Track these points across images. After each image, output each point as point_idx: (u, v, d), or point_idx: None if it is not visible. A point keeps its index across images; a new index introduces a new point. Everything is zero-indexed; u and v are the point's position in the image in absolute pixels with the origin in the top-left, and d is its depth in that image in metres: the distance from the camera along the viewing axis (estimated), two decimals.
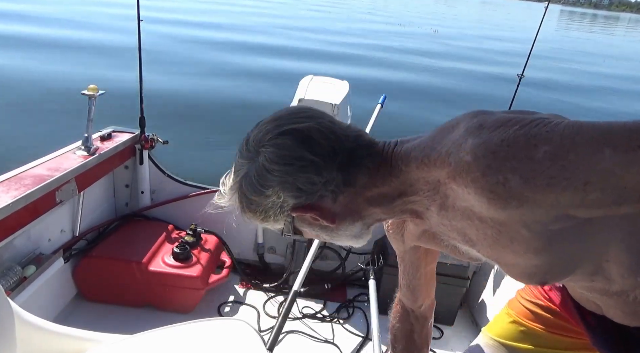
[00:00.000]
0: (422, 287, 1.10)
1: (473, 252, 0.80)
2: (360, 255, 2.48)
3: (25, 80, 6.76)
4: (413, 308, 1.16)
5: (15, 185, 1.63)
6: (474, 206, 0.69)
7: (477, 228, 0.72)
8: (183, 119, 5.95)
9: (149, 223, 2.40)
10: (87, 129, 2.04)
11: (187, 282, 2.05)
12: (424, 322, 1.18)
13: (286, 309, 1.75)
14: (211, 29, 15.22)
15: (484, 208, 0.67)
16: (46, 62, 8.08)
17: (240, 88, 8.01)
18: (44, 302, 1.87)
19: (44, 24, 11.90)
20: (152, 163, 2.42)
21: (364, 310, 2.32)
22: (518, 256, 0.72)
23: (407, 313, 1.17)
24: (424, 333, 1.19)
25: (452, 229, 0.77)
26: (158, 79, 7.09)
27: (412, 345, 1.19)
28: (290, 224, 0.80)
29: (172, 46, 10.82)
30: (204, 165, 4.55)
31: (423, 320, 1.18)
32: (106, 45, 9.89)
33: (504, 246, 0.72)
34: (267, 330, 2.08)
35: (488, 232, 0.71)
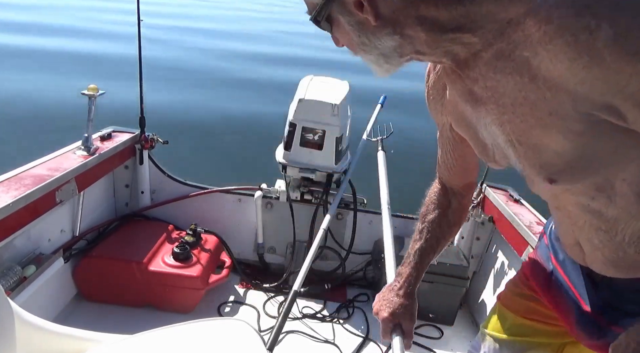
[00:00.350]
0: (458, 168, 1.08)
1: (500, 138, 0.75)
2: (360, 255, 2.48)
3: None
4: (452, 186, 1.13)
5: (15, 185, 1.63)
6: (535, 57, 0.63)
7: (521, 89, 0.67)
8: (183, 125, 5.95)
9: (149, 223, 2.40)
10: (87, 129, 2.04)
11: (187, 282, 2.05)
12: (461, 199, 1.15)
13: (286, 309, 1.75)
14: (209, 33, 15.23)
15: (547, 60, 0.62)
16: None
17: (240, 94, 8.02)
18: (44, 302, 1.87)
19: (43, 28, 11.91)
20: (152, 163, 2.42)
21: (364, 310, 2.32)
22: (547, 135, 0.68)
23: (446, 188, 1.14)
24: (458, 211, 1.15)
25: (490, 89, 0.71)
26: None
27: (443, 220, 1.15)
28: (328, 3, 0.72)
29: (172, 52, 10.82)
30: (204, 165, 4.56)
31: (460, 197, 1.14)
32: (106, 46, 9.89)
33: (538, 118, 0.67)
34: (267, 330, 2.08)
35: (531, 96, 0.66)
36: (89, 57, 8.81)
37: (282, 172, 2.30)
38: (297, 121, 2.18)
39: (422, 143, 5.88)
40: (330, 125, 2.17)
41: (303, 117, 2.17)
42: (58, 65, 8.02)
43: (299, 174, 2.27)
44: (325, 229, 2.09)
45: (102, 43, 10.25)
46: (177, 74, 8.44)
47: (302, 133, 2.19)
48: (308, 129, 2.19)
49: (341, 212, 2.45)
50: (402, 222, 2.46)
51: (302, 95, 2.17)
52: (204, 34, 14.06)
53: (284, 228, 2.41)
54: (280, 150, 2.29)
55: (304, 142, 2.21)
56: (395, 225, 2.46)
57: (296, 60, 11.01)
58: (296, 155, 2.23)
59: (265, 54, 11.63)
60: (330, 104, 2.15)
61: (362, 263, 2.51)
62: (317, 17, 0.74)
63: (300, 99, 2.16)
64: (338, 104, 2.16)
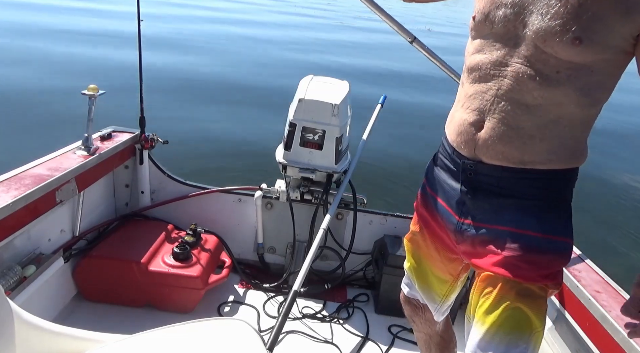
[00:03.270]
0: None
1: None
2: (360, 255, 2.48)
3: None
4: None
5: (15, 185, 1.63)
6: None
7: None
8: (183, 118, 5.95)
9: (149, 223, 2.40)
10: (87, 129, 2.04)
11: (187, 282, 2.05)
12: None
13: (286, 309, 1.75)
14: (209, 23, 15.23)
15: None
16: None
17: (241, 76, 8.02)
18: (44, 302, 1.87)
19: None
20: (152, 163, 2.43)
21: (364, 310, 2.32)
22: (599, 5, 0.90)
23: None
24: None
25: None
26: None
27: None
28: None
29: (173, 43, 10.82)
30: (204, 165, 4.56)
31: None
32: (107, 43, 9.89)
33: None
34: (267, 330, 2.08)
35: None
36: (90, 57, 8.81)
37: (282, 172, 2.30)
38: (297, 121, 2.18)
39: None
40: (330, 125, 2.17)
41: (303, 117, 2.18)
42: (58, 64, 8.03)
43: (299, 173, 2.27)
44: (325, 229, 2.09)
45: (102, 42, 10.26)
46: (177, 74, 8.44)
47: (302, 133, 2.19)
48: (308, 128, 2.19)
49: (341, 212, 2.45)
50: (402, 222, 2.46)
51: (302, 95, 2.17)
52: (204, 33, 14.06)
53: (284, 228, 2.41)
54: (280, 150, 2.29)
55: (304, 142, 2.21)
56: (395, 226, 2.47)
57: (296, 60, 11.02)
58: (296, 155, 2.23)
59: (266, 55, 11.63)
60: (330, 104, 2.15)
61: (362, 263, 2.51)
62: None
63: (300, 98, 2.16)
64: (338, 104, 2.16)
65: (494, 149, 1.06)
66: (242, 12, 22.53)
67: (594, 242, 4.09)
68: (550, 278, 1.06)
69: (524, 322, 1.06)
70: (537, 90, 0.99)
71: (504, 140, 1.04)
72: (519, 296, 1.05)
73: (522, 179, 1.06)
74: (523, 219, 1.07)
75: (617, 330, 1.37)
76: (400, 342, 2.14)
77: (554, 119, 1.01)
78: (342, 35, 17.67)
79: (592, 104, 1.01)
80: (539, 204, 1.07)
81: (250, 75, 9.04)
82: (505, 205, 1.09)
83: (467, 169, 1.13)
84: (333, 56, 12.33)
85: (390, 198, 4.30)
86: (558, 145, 1.03)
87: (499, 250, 1.08)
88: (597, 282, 1.65)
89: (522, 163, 1.05)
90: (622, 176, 6.03)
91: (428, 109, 7.87)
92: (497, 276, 1.07)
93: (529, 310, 1.05)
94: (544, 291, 1.07)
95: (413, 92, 8.99)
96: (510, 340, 1.06)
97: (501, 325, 1.07)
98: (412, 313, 1.56)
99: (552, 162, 1.04)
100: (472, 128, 1.10)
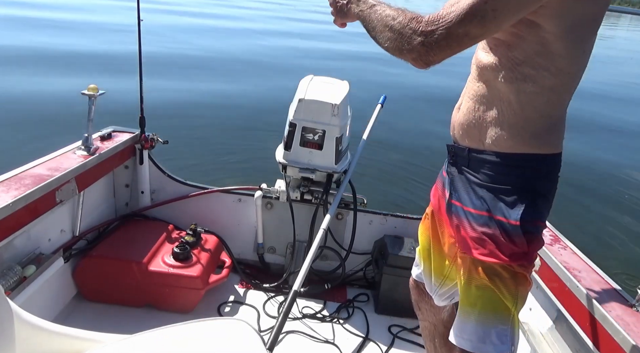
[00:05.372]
0: None
1: None
2: (360, 255, 2.48)
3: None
4: None
5: (15, 185, 1.63)
6: None
7: None
8: (183, 120, 5.95)
9: (149, 223, 2.40)
10: (87, 129, 2.04)
11: (187, 282, 2.05)
12: None
13: (286, 309, 1.75)
14: (209, 24, 15.23)
15: None
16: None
17: (240, 89, 8.01)
18: (44, 302, 1.87)
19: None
20: (152, 163, 2.42)
21: (364, 310, 2.32)
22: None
23: None
24: None
25: None
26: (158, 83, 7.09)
27: None
28: None
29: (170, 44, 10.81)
30: (204, 165, 4.56)
31: None
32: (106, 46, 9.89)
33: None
34: (267, 330, 2.08)
35: None
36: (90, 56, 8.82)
37: (282, 172, 2.30)
38: (297, 121, 2.18)
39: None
40: (330, 125, 2.17)
41: (303, 117, 2.17)
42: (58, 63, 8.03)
43: (299, 173, 2.27)
44: (325, 229, 2.09)
45: (102, 42, 10.26)
46: (177, 73, 8.44)
47: (302, 133, 2.19)
48: (308, 128, 2.19)
49: (341, 212, 2.45)
50: (402, 222, 2.46)
51: (302, 95, 2.17)
52: (204, 33, 14.06)
53: (284, 228, 2.41)
54: (280, 150, 2.29)
55: (304, 142, 2.21)
56: (395, 226, 2.47)
57: (297, 61, 11.02)
58: (296, 155, 2.23)
59: (268, 54, 11.63)
60: (330, 104, 2.15)
61: (362, 263, 2.51)
62: None
63: (300, 98, 2.16)
64: (338, 104, 2.16)
65: (462, 129, 1.17)
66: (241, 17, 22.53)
67: (594, 239, 4.10)
68: (514, 258, 1.10)
69: (497, 302, 1.11)
70: (481, 70, 1.10)
71: (467, 120, 1.15)
72: (486, 276, 1.11)
73: (484, 162, 1.13)
74: (485, 201, 1.12)
75: (617, 330, 1.37)
76: (400, 342, 2.14)
77: (496, 95, 1.08)
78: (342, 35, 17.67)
79: (522, 80, 1.03)
80: (502, 189, 1.11)
81: (251, 74, 9.04)
82: (473, 186, 1.16)
83: (450, 151, 1.25)
84: (333, 56, 12.34)
85: (390, 198, 4.30)
86: (504, 124, 1.08)
87: (468, 230, 1.15)
88: (597, 282, 1.65)
89: (482, 144, 1.12)
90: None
91: (428, 109, 7.87)
92: (467, 256, 1.15)
93: (498, 291, 1.10)
94: (510, 272, 1.11)
95: (413, 91, 8.99)
96: (486, 319, 1.12)
97: (473, 304, 1.13)
98: (419, 299, 1.59)
99: (504, 144, 1.09)
100: (455, 111, 1.22)
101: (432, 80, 9.37)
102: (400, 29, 0.99)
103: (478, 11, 0.92)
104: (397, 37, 1.00)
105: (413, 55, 0.99)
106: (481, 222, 1.12)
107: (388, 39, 1.03)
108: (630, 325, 1.38)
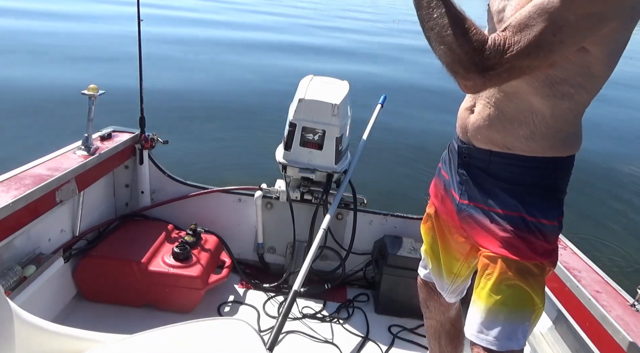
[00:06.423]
0: None
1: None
2: (360, 255, 2.48)
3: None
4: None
5: (15, 185, 1.63)
6: None
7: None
8: (183, 119, 5.95)
9: (149, 223, 2.40)
10: (87, 129, 2.04)
11: (187, 282, 2.05)
12: None
13: (286, 309, 1.75)
14: (209, 27, 15.22)
15: None
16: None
17: (241, 87, 8.02)
18: (44, 302, 1.87)
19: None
20: (152, 163, 2.43)
21: (364, 310, 2.32)
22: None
23: None
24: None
25: None
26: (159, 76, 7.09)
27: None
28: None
29: (171, 44, 10.81)
30: (204, 165, 4.56)
31: None
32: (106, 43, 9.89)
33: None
34: (267, 330, 2.08)
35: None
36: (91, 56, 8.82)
37: (282, 172, 2.30)
38: (297, 121, 2.18)
39: None
40: (330, 125, 2.17)
41: (303, 117, 2.17)
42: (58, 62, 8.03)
43: (299, 173, 2.27)
44: (325, 229, 2.09)
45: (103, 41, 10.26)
46: (177, 73, 8.44)
47: (302, 133, 2.19)
48: (308, 128, 2.19)
49: (341, 212, 2.45)
50: (402, 222, 2.46)
51: (302, 95, 2.17)
52: (202, 33, 14.06)
53: (284, 228, 2.41)
54: (280, 150, 2.29)
55: (304, 142, 2.21)
56: (395, 226, 2.47)
57: (296, 60, 11.02)
58: (296, 155, 2.23)
59: (268, 54, 11.63)
60: (330, 104, 2.15)
61: (362, 263, 2.51)
62: None
63: (300, 98, 2.16)
64: (338, 104, 2.16)
65: (481, 133, 1.15)
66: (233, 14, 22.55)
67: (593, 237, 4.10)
68: (545, 256, 1.13)
69: (526, 300, 1.13)
70: None
71: (487, 123, 1.13)
72: (518, 274, 1.12)
73: (509, 165, 1.13)
74: (515, 202, 1.13)
75: (617, 330, 1.37)
76: (400, 342, 2.14)
77: (528, 107, 1.08)
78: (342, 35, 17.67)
79: (559, 97, 1.04)
80: (528, 189, 1.13)
81: (251, 76, 9.05)
82: (497, 188, 1.16)
83: (462, 152, 1.23)
84: (333, 56, 12.34)
85: (390, 198, 4.30)
86: (535, 133, 1.09)
87: (496, 230, 1.15)
88: (597, 282, 1.65)
89: (506, 148, 1.12)
90: None
91: (429, 109, 7.87)
92: (497, 256, 1.14)
93: (529, 288, 1.12)
94: (541, 269, 1.14)
95: (414, 91, 8.99)
96: (515, 317, 1.13)
97: (504, 303, 1.13)
98: (427, 297, 1.60)
99: (532, 149, 1.10)
100: (466, 112, 1.20)
101: (431, 80, 9.37)
102: (460, 53, 0.92)
103: (546, 44, 0.90)
104: (455, 60, 0.93)
105: (468, 83, 0.95)
106: (511, 222, 1.13)
107: (443, 54, 0.95)
108: (630, 325, 1.38)
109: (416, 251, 2.26)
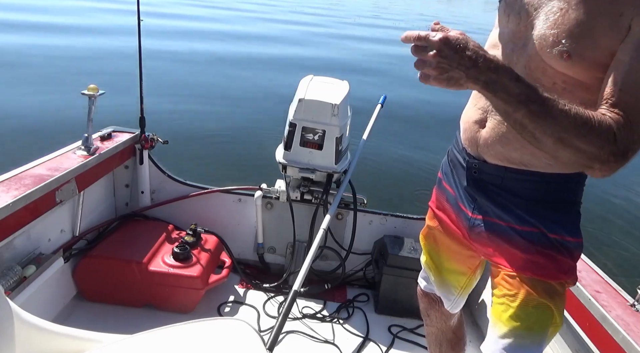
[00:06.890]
0: None
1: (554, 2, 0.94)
2: (360, 255, 2.48)
3: None
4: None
5: (15, 185, 1.63)
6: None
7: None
8: (183, 119, 5.94)
9: (149, 223, 2.40)
10: (87, 129, 2.04)
11: (187, 282, 2.05)
12: None
13: (286, 309, 1.74)
14: (210, 26, 15.23)
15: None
16: None
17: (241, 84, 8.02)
18: (44, 302, 1.87)
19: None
20: (152, 163, 2.43)
21: (364, 310, 2.32)
22: (589, 16, 0.89)
23: None
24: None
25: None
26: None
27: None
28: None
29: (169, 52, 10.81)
30: (204, 165, 4.56)
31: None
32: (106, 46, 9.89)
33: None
34: (267, 330, 2.08)
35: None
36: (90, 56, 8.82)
37: (282, 172, 2.30)
38: (297, 121, 2.18)
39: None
40: (330, 125, 2.17)
41: (303, 117, 2.17)
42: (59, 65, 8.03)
43: (299, 173, 2.27)
44: (325, 229, 2.09)
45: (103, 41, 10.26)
46: (177, 72, 8.44)
47: (302, 133, 2.19)
48: (308, 128, 2.19)
49: (341, 212, 2.45)
50: (402, 222, 2.46)
51: (302, 95, 2.17)
52: (201, 34, 14.05)
53: (284, 228, 2.41)
54: (280, 150, 2.29)
55: (304, 142, 2.21)
56: (395, 226, 2.47)
57: (296, 60, 11.02)
58: (296, 155, 2.23)
59: (266, 53, 11.63)
60: (330, 104, 2.15)
61: (362, 263, 2.51)
62: None
63: (300, 98, 2.16)
64: (338, 104, 2.16)
65: (494, 149, 1.08)
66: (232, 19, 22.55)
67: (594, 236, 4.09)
68: (568, 274, 1.09)
69: (550, 320, 1.09)
70: None
71: (503, 141, 1.06)
72: (546, 295, 1.07)
73: (526, 181, 1.08)
74: (534, 218, 1.08)
75: (617, 330, 1.37)
76: (400, 342, 2.14)
77: None
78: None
79: None
80: (546, 205, 1.08)
81: (250, 75, 9.04)
82: (513, 204, 1.10)
83: (471, 167, 1.16)
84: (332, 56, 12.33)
85: (390, 198, 4.30)
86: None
87: (517, 248, 1.10)
88: (597, 282, 1.65)
89: (523, 164, 1.06)
90: None
91: (430, 108, 7.87)
92: (521, 276, 1.09)
93: (554, 308, 1.08)
94: (563, 287, 1.10)
95: (415, 91, 8.99)
96: (539, 339, 1.09)
97: (530, 328, 1.08)
98: (428, 307, 1.58)
99: (552, 166, 1.05)
100: (476, 126, 1.13)
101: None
102: (593, 151, 0.85)
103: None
104: (589, 157, 0.86)
105: (606, 173, 0.89)
106: (533, 239, 1.08)
107: (572, 156, 0.87)
108: (630, 325, 1.38)
109: (416, 251, 2.26)
